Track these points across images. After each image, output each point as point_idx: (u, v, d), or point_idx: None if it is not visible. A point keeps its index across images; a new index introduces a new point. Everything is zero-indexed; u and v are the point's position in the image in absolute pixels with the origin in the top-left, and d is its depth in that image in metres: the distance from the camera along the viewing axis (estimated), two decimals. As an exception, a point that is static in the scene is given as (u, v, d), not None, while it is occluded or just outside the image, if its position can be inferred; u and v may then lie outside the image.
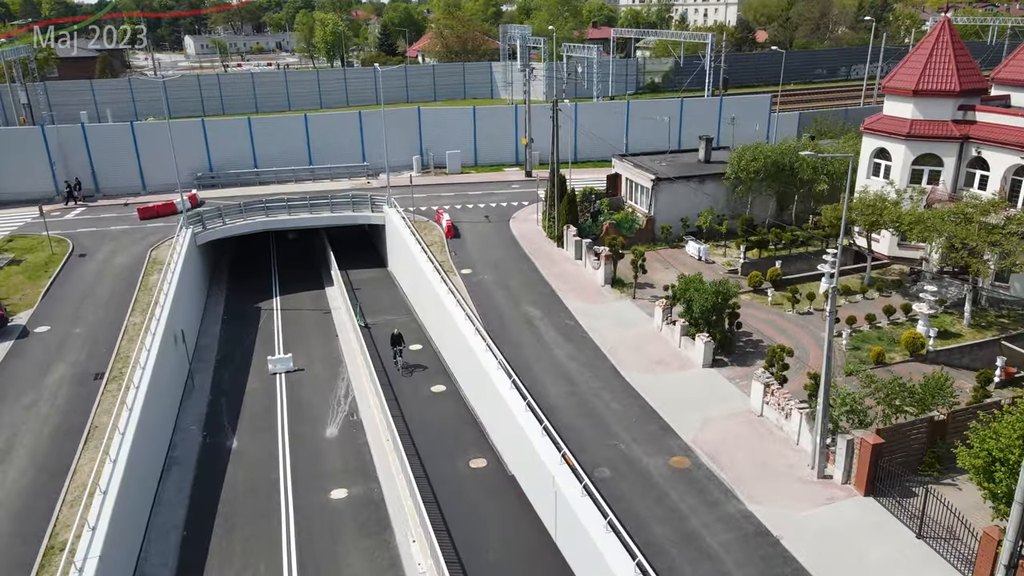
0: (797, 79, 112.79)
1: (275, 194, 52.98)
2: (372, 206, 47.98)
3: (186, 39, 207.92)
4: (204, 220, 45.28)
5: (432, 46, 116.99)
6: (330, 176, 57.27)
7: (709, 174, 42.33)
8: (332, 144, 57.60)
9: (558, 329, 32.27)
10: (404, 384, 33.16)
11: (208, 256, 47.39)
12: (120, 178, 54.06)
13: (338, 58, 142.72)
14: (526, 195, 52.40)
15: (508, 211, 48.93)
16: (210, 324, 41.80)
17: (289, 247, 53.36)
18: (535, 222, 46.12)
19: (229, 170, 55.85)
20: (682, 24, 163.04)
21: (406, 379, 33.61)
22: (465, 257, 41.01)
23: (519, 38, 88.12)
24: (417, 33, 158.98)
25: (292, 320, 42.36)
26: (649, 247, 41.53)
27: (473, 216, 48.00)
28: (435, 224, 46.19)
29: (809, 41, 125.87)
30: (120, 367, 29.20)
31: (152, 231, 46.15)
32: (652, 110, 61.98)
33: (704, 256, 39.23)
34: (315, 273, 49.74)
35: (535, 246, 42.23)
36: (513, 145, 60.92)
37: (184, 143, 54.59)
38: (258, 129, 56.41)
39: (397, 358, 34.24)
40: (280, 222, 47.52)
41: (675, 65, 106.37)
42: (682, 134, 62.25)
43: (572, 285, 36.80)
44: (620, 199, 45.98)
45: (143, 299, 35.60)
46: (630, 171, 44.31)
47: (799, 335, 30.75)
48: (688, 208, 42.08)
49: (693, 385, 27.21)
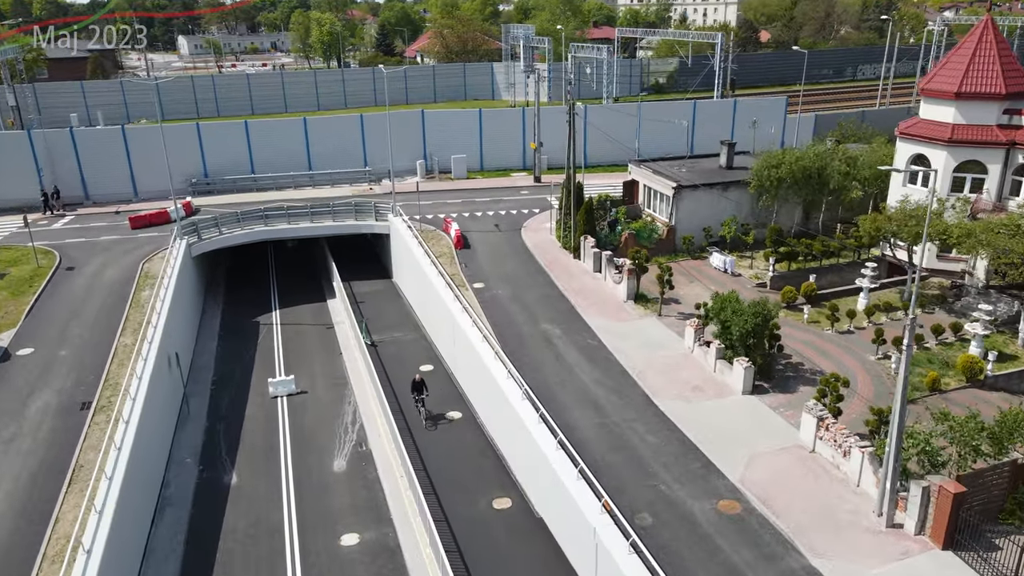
0: (803, 79, 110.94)
1: (273, 201, 50.67)
2: (376, 214, 45.68)
3: (179, 39, 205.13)
4: (199, 230, 42.92)
5: (431, 46, 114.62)
6: (331, 182, 54.93)
7: (732, 181, 40.16)
8: (333, 148, 55.27)
9: (581, 350, 30.05)
10: (415, 410, 30.87)
11: (203, 268, 45.03)
12: (111, 185, 51.62)
13: (335, 58, 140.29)
14: (536, 202, 50.17)
15: (518, 219, 46.69)
16: (206, 341, 39.46)
17: (288, 257, 51.04)
18: (548, 231, 43.89)
19: (225, 176, 53.46)
20: (683, 24, 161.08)
21: (420, 410, 31.30)
22: (476, 270, 38.76)
23: (522, 38, 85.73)
24: (414, 33, 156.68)
25: (293, 336, 40.07)
26: (670, 258, 39.34)
27: (482, 225, 45.74)
28: (443, 234, 43.91)
29: (814, 41, 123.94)
30: (109, 395, 26.86)
31: (144, 241, 43.76)
32: (664, 112, 59.90)
33: (730, 268, 37.06)
34: (316, 284, 47.45)
35: (550, 257, 40.00)
36: (521, 149, 58.70)
37: (178, 148, 52.19)
38: (255, 133, 54.05)
39: (420, 408, 29.77)
40: (279, 231, 45.17)
41: (680, 65, 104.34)
42: (695, 137, 60.08)
43: (592, 300, 34.58)
44: (637, 207, 43.78)
45: (134, 317, 33.26)
46: (649, 178, 42.11)
47: (842, 357, 28.58)
48: (711, 217, 39.91)
49: (734, 415, 25.02)
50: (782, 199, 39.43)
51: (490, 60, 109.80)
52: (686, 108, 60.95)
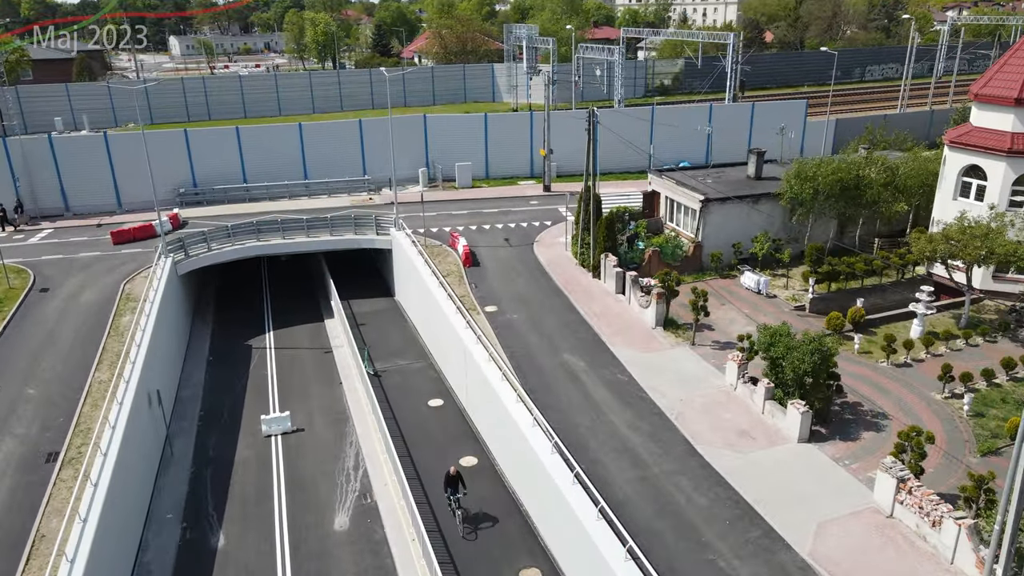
0: (811, 81, 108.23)
1: (267, 213, 47.47)
2: (377, 228, 42.53)
3: (171, 39, 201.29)
4: (186, 246, 39.69)
5: (429, 47, 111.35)
6: (328, 192, 51.75)
7: (763, 193, 37.17)
8: (330, 156, 52.08)
9: (609, 386, 26.98)
10: (425, 451, 27.77)
11: (191, 286, 41.83)
12: (92, 195, 48.34)
13: (329, 59, 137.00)
14: (547, 213, 47.09)
15: (530, 233, 43.61)
16: (193, 368, 36.27)
17: (283, 272, 47.83)
18: (563, 247, 40.81)
19: (215, 185, 50.22)
20: (684, 24, 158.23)
21: (431, 455, 28.20)
22: (488, 291, 35.67)
23: (525, 38, 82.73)
24: (411, 33, 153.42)
25: (288, 362, 36.93)
26: (697, 277, 36.36)
27: (491, 239, 42.64)
28: (450, 249, 40.80)
29: (821, 41, 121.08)
30: (79, 444, 23.69)
31: (127, 259, 40.52)
32: (678, 116, 56.88)
33: (764, 289, 34.06)
34: (312, 302, 44.28)
35: (567, 277, 36.92)
36: (528, 155, 55.62)
37: (165, 155, 48.95)
38: (247, 139, 50.83)
39: (455, 508, 23.45)
40: (273, 247, 41.98)
41: (686, 66, 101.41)
42: (711, 143, 57.16)
43: (617, 327, 31.52)
44: (658, 220, 40.74)
45: (113, 347, 30.06)
46: (672, 190, 39.07)
47: (903, 395, 25.59)
48: (740, 232, 36.90)
49: (792, 469, 21.99)
50: (817, 212, 36.47)
51: (490, 61, 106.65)
52: (701, 112, 57.95)
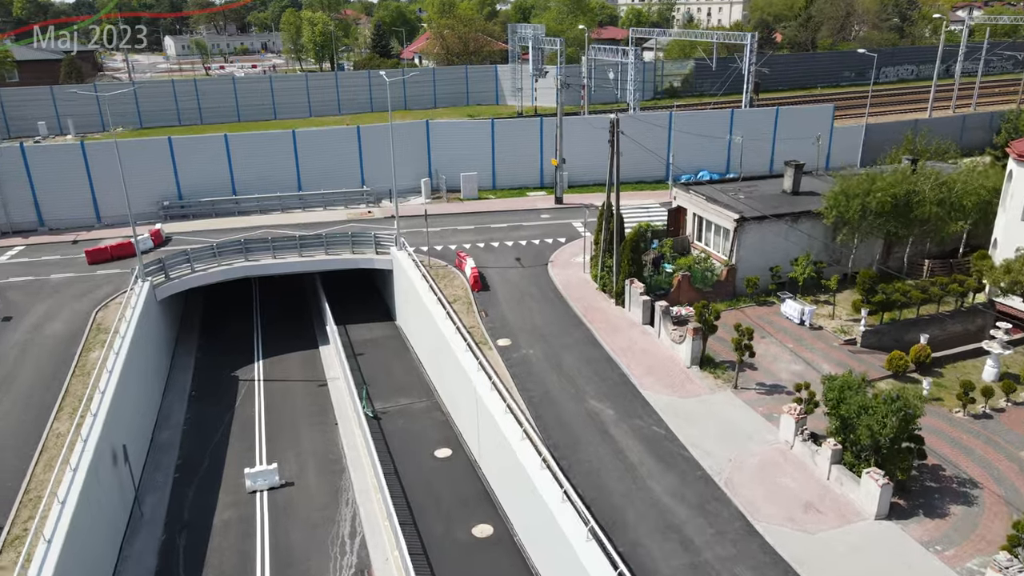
0: (824, 83, 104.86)
1: (258, 228, 43.90)
2: (377, 246, 38.97)
3: (166, 39, 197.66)
4: (166, 268, 36.11)
5: (430, 48, 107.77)
6: (324, 204, 48.15)
7: (804, 211, 33.61)
8: (326, 165, 48.48)
9: (645, 441, 23.42)
10: (432, 517, 24.20)
11: (173, 310, 38.28)
12: (69, 209, 44.71)
13: (327, 60, 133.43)
14: (560, 229, 43.50)
15: (543, 251, 40.02)
16: (172, 405, 32.71)
17: (276, 292, 44.21)
18: (580, 267, 37.23)
19: (202, 198, 46.61)
20: (690, 24, 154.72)
21: (440, 522, 24.63)
22: (500, 320, 32.10)
23: (530, 38, 79.19)
24: (411, 33, 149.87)
25: (278, 397, 33.37)
26: (730, 304, 32.81)
27: (501, 258, 39.06)
28: (456, 271, 37.22)
29: (834, 42, 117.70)
30: (26, 518, 20.13)
31: (103, 281, 36.91)
32: (697, 122, 53.30)
33: (808, 320, 30.49)
34: (306, 326, 40.71)
35: (587, 304, 33.35)
36: (538, 164, 52.03)
37: (147, 165, 45.47)
38: (237, 148, 47.22)
39: None
40: (263, 267, 38.40)
41: (696, 68, 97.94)
42: (731, 151, 53.64)
43: (647, 365, 27.94)
44: (685, 239, 37.18)
45: (77, 390, 26.47)
46: (701, 206, 35.50)
47: (989, 455, 22.05)
48: (778, 254, 33.34)
49: (874, 557, 18.42)
50: (863, 233, 32.94)
51: (492, 62, 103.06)
52: (722, 118, 54.41)
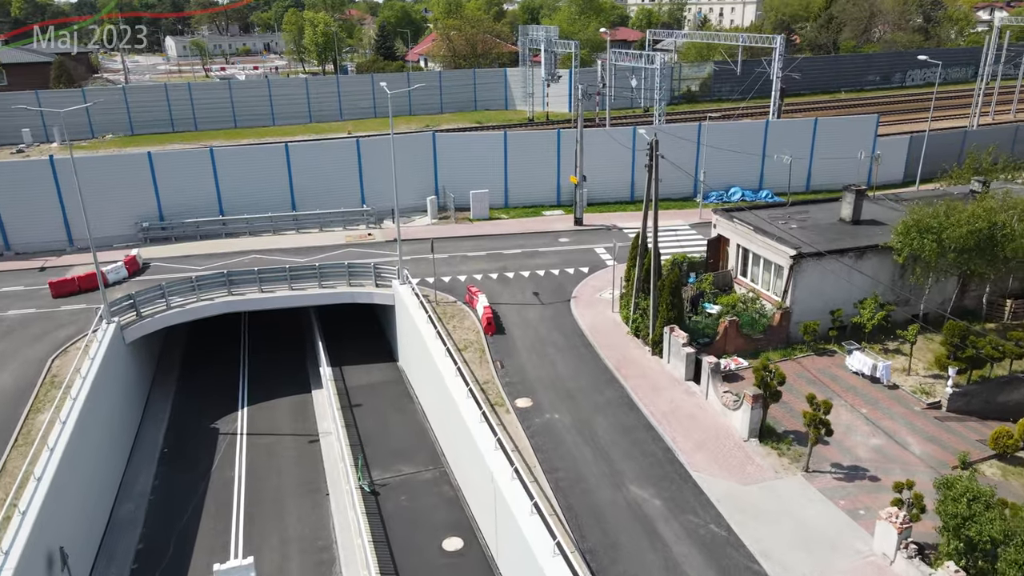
0: (847, 87, 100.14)
1: (246, 252, 39.57)
2: (377, 278, 34.57)
3: (167, 40, 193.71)
4: (138, 305, 31.76)
5: (436, 50, 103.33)
6: (319, 225, 43.75)
7: (869, 246, 29.05)
8: (322, 182, 44.07)
9: (703, 547, 18.94)
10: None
11: (149, 349, 33.95)
12: (38, 231, 40.44)
13: (330, 61, 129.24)
14: (582, 256, 39.00)
15: (564, 283, 35.53)
16: (139, 468, 28.40)
17: (267, 324, 39.76)
18: (607, 305, 32.72)
19: (186, 218, 42.23)
20: (707, 25, 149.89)
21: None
22: (518, 372, 27.62)
23: (543, 41, 74.75)
24: (416, 34, 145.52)
25: (263, 456, 29.05)
26: (785, 354, 28.32)
27: (517, 292, 34.59)
28: (467, 309, 32.77)
29: (857, 44, 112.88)
30: (-76, 662, 15.78)
31: (66, 319, 32.59)
32: (728, 134, 48.66)
33: (884, 377, 25.95)
34: (299, 365, 36.38)
35: (619, 353, 28.83)
36: (555, 180, 47.55)
37: (124, 182, 41.25)
38: (224, 163, 42.85)
39: None
40: (248, 302, 34.03)
41: (715, 71, 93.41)
42: (765, 168, 49.06)
43: (696, 437, 23.44)
44: (727, 274, 32.63)
45: (14, 466, 22.16)
46: (747, 238, 30.94)
47: None
48: (840, 295, 28.80)
49: None
50: (940, 271, 28.39)
51: (501, 65, 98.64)
52: (755, 129, 49.86)
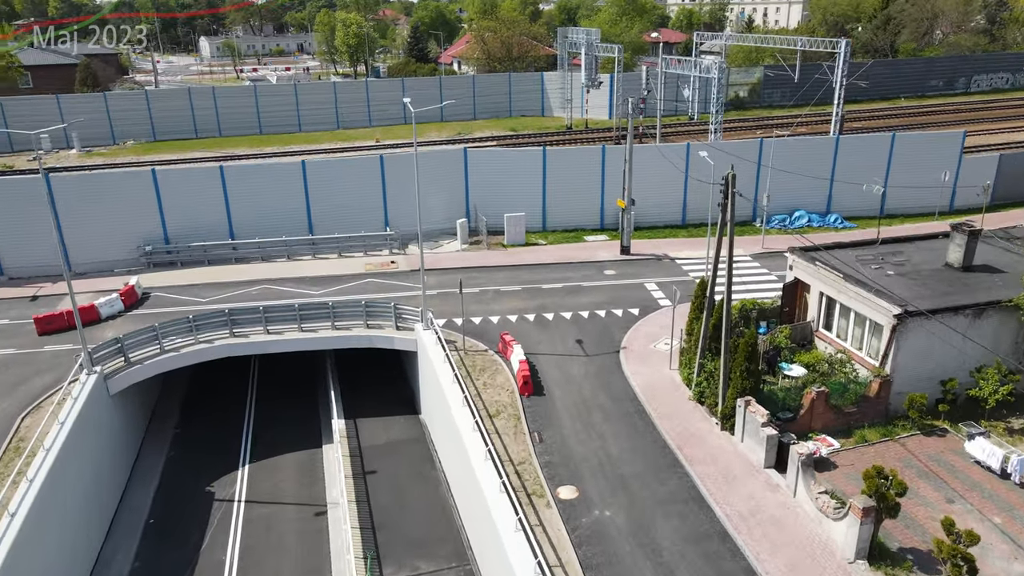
0: (908, 93, 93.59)
1: (257, 281, 35.68)
2: (398, 320, 30.32)
3: (201, 40, 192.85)
4: (126, 349, 27.92)
5: (470, 52, 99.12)
6: (338, 250, 39.69)
7: (991, 302, 23.91)
8: (341, 203, 40.00)
9: None
10: None
11: (140, 398, 30.12)
12: (33, 255, 37.08)
13: (362, 62, 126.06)
14: (631, 292, 34.28)
15: (611, 328, 30.86)
16: (119, 543, 24.63)
17: (278, 363, 35.77)
18: (664, 359, 27.95)
19: (193, 242, 38.51)
20: (751, 27, 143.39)
21: None
22: (560, 449, 23.08)
23: (583, 44, 70.00)
24: (450, 36, 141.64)
25: (260, 531, 25.06)
26: (885, 432, 23.37)
27: (557, 339, 30.03)
28: (499, 360, 28.30)
29: (918, 46, 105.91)
30: None
31: (48, 363, 28.94)
32: (792, 152, 43.36)
33: (1018, 473, 20.87)
34: (311, 413, 32.38)
35: (681, 426, 24.11)
36: (598, 201, 42.89)
37: (127, 201, 37.78)
38: (235, 181, 39.02)
39: None
40: (252, 346, 30.03)
41: (764, 76, 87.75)
42: (833, 193, 43.81)
43: (788, 555, 18.63)
44: (807, 327, 27.66)
45: (-45, 568, 18.29)
46: (835, 286, 25.93)
47: None
48: (951, 361, 23.74)
49: None
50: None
51: (537, 69, 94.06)
52: (822, 145, 44.58)
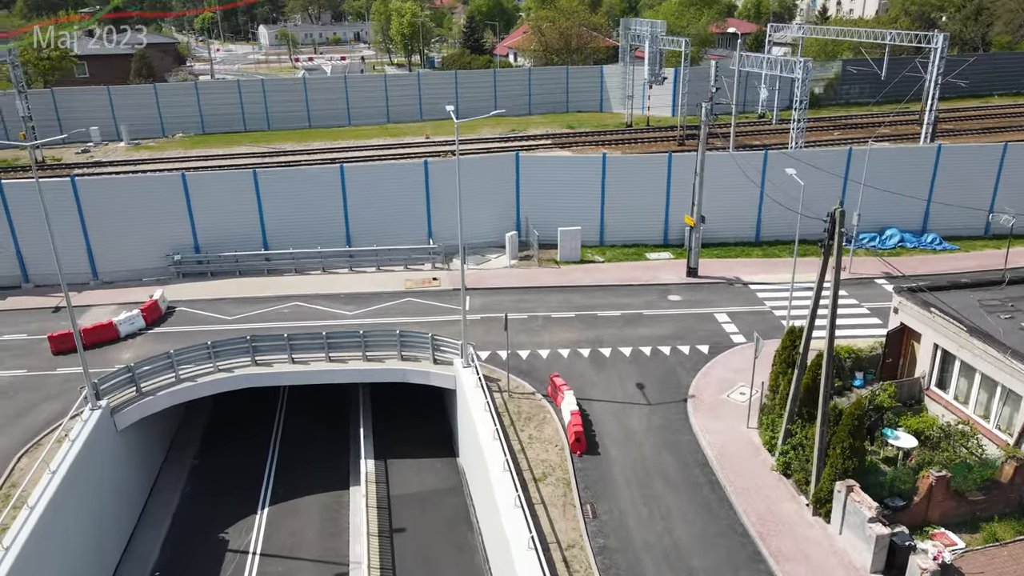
0: (1001, 90, 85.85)
1: (288, 297, 32.99)
2: (435, 352, 27.03)
3: (260, 29, 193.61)
4: (137, 379, 25.36)
5: (527, 43, 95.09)
6: (377, 263, 36.66)
7: None
8: (382, 211, 36.90)
9: None
10: None
11: (154, 430, 27.62)
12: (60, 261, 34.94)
13: (416, 53, 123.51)
14: (699, 323, 30.20)
15: (676, 369, 26.91)
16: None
17: (307, 386, 32.99)
18: (739, 413, 23.91)
19: (224, 251, 36.02)
20: (824, 16, 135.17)
21: None
22: (617, 531, 19.41)
23: (647, 36, 65.32)
24: (507, 26, 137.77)
25: (273, 595, 22.14)
26: (1020, 527, 18.96)
27: (614, 380, 26.27)
28: (548, 405, 24.73)
29: (1015, 39, 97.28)
30: None
31: (58, 388, 26.64)
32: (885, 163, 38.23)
33: None
34: (340, 446, 29.50)
35: (761, 503, 20.13)
36: (662, 214, 38.77)
37: (155, 207, 35.40)
38: (269, 187, 36.29)
39: None
40: (274, 376, 27.19)
41: (842, 71, 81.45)
42: (931, 204, 38.67)
43: None
44: (915, 384, 23.23)
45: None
46: (956, 340, 21.45)
47: None
48: (1107, 442, 19.18)
49: None
50: None
51: (596, 61, 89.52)
52: (920, 156, 39.39)
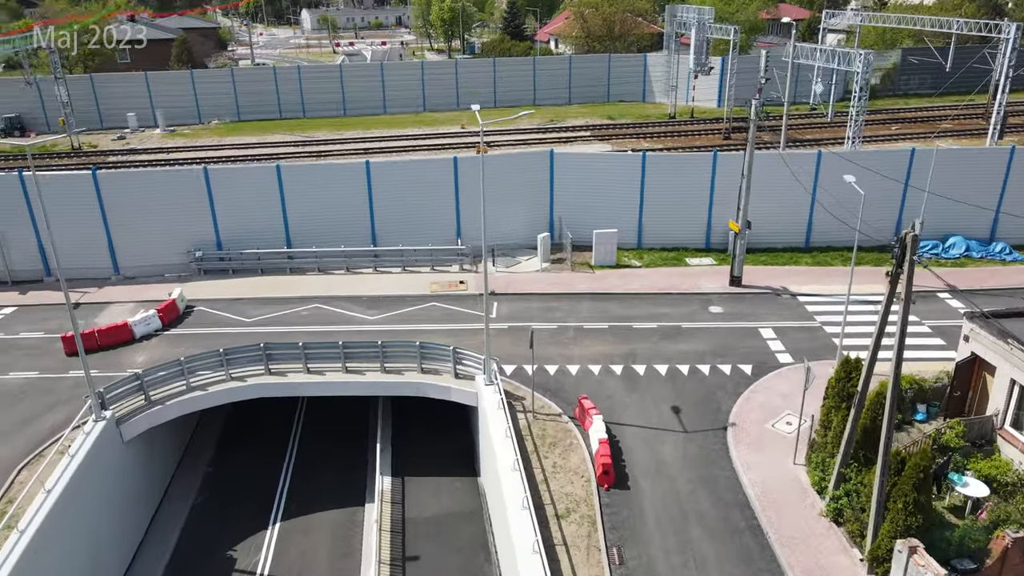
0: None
1: (309, 298, 31.72)
2: (456, 365, 25.39)
3: (303, 13, 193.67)
4: (146, 388, 24.27)
5: (568, 29, 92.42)
6: (402, 263, 35.14)
7: None
8: (409, 209, 35.39)
9: None
10: None
11: (171, 437, 26.60)
12: (80, 257, 34.08)
13: (456, 38, 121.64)
14: (742, 339, 27.96)
15: (716, 391, 24.80)
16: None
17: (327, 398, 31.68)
18: (785, 446, 21.76)
19: (246, 248, 34.89)
20: (882, 3, 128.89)
21: None
22: (645, 582, 17.61)
23: (694, 24, 62.31)
24: (549, 10, 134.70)
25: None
26: (1109, 599, 16.53)
27: (648, 402, 24.30)
28: (575, 429, 22.91)
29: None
30: None
31: (68, 392, 25.75)
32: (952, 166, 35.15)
33: None
34: (357, 460, 28.11)
35: (808, 556, 18.02)
36: (704, 216, 36.39)
37: (177, 202, 34.41)
38: (293, 183, 34.99)
39: None
40: (288, 387, 25.88)
41: (902, 59, 77.13)
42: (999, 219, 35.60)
43: None
44: (986, 422, 20.78)
45: None
46: (1038, 377, 19.03)
47: None
48: None
49: None
50: None
51: (639, 49, 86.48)
52: (990, 158, 36.23)
